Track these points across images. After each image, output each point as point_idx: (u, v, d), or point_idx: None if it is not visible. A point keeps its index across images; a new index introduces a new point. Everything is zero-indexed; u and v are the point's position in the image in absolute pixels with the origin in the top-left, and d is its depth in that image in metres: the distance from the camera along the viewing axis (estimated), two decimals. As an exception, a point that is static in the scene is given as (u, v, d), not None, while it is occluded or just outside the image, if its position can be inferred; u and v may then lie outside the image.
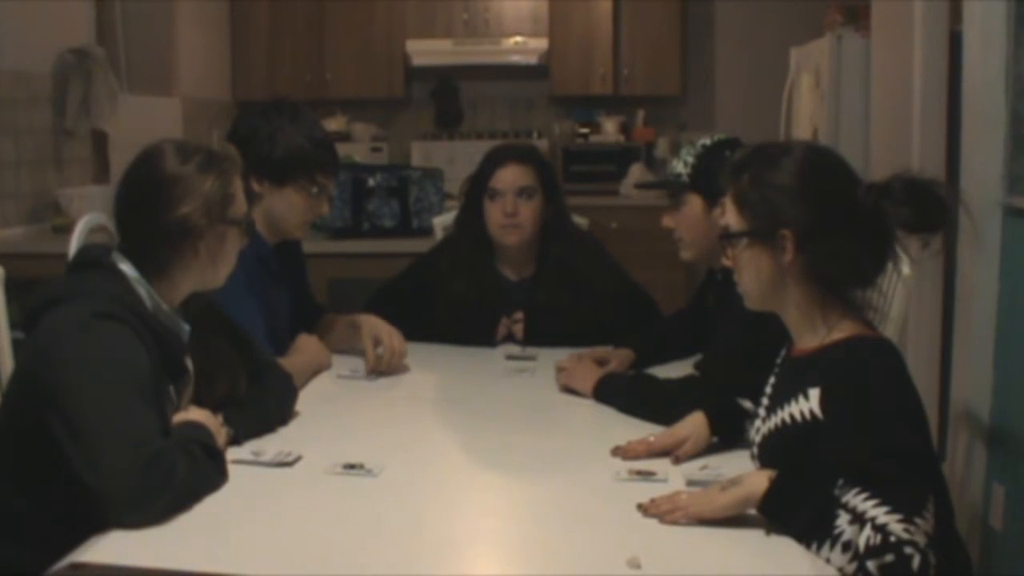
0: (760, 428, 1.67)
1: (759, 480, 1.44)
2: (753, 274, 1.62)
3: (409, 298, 2.68)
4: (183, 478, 1.45)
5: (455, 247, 2.73)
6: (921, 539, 1.34)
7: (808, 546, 1.38)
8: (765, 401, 1.69)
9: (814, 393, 1.52)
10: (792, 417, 1.55)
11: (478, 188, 2.65)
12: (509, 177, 2.60)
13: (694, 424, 1.78)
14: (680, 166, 2.22)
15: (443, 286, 2.67)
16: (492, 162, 2.65)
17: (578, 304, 2.61)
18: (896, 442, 1.43)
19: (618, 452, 1.76)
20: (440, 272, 2.70)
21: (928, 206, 1.54)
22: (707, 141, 2.22)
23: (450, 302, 2.65)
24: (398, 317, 2.45)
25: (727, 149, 2.13)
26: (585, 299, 2.62)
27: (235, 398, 1.80)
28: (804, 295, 1.59)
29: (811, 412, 1.51)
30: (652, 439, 1.77)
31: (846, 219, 1.55)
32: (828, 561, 1.36)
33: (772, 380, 1.71)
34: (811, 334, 1.60)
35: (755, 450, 1.69)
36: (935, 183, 1.56)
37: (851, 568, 1.33)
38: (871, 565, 1.32)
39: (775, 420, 1.60)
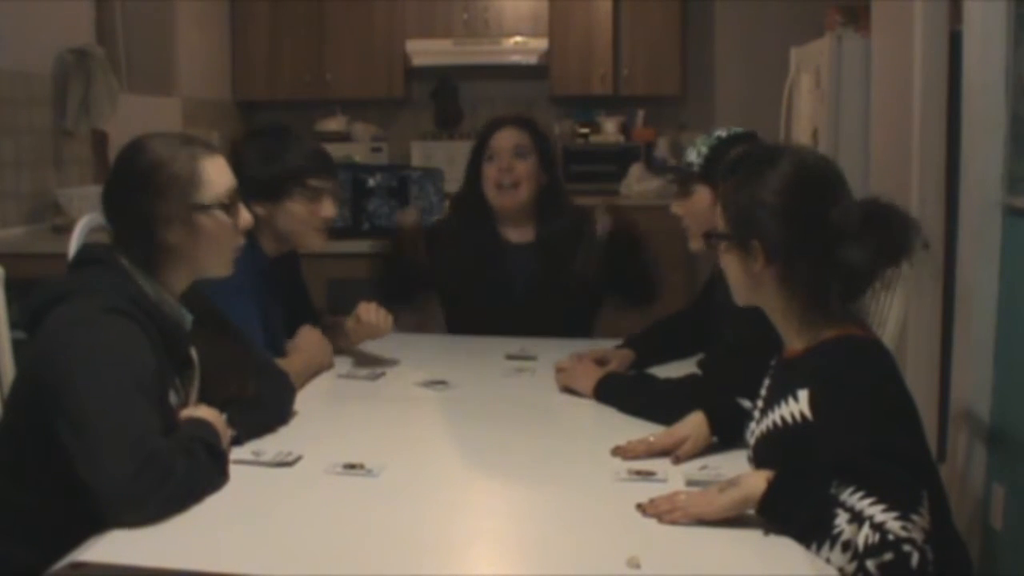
0: (754, 430, 1.67)
1: (757, 481, 1.44)
2: (732, 274, 1.66)
3: (411, 266, 2.78)
4: (180, 477, 1.45)
5: (456, 213, 2.87)
6: (919, 536, 1.34)
7: (808, 546, 1.38)
8: (759, 403, 1.70)
9: (803, 394, 1.52)
10: (783, 419, 1.55)
11: (477, 155, 2.78)
12: (505, 137, 2.74)
13: (694, 424, 1.78)
14: (694, 155, 2.21)
15: (444, 249, 2.77)
16: (490, 127, 2.79)
17: (578, 266, 2.68)
18: (888, 440, 1.43)
19: (618, 452, 1.76)
20: (441, 239, 2.81)
21: (892, 236, 1.53)
22: (723, 133, 2.22)
23: (452, 262, 2.71)
24: (400, 285, 2.59)
25: (740, 143, 2.14)
26: (584, 262, 2.69)
27: (244, 399, 1.79)
28: (781, 302, 1.61)
29: (801, 414, 1.51)
30: (652, 439, 1.77)
31: (821, 240, 1.54)
32: (828, 561, 1.35)
33: (766, 382, 1.71)
34: (797, 337, 1.61)
35: (751, 452, 1.69)
36: (899, 211, 1.55)
37: (851, 568, 1.33)
38: (870, 564, 1.32)
39: (767, 422, 1.61)
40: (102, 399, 1.46)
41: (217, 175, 1.71)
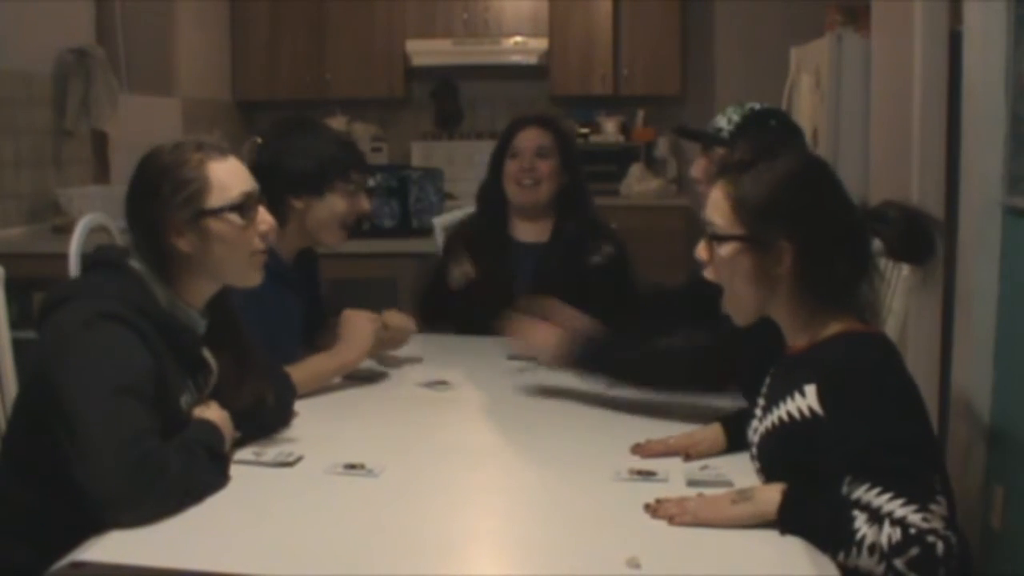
0: (757, 428, 1.67)
1: (771, 495, 1.44)
2: (741, 280, 1.59)
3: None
4: (175, 478, 1.45)
5: (478, 207, 2.90)
6: (939, 524, 1.35)
7: (835, 555, 1.37)
8: (761, 400, 1.69)
9: (810, 390, 1.51)
10: (790, 415, 1.55)
11: (500, 152, 2.81)
12: (529, 137, 2.78)
13: (714, 430, 1.80)
14: (724, 122, 2.19)
15: (459, 239, 2.82)
16: (514, 125, 2.83)
17: (589, 272, 2.70)
18: (899, 432, 1.43)
19: (637, 450, 1.77)
20: (461, 232, 2.87)
21: (920, 239, 1.54)
22: (757, 106, 2.21)
23: (463, 252, 2.77)
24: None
25: (773, 119, 2.15)
26: (595, 268, 2.72)
27: (262, 408, 1.78)
28: (791, 303, 1.59)
29: (810, 409, 1.51)
30: (671, 440, 1.78)
31: (841, 238, 1.55)
32: (858, 568, 1.35)
33: (767, 379, 1.71)
34: (802, 333, 1.60)
35: (754, 450, 1.68)
36: (929, 217, 1.57)
37: (880, 569, 1.33)
38: (898, 563, 1.32)
39: (772, 419, 1.60)
40: (94, 402, 1.46)
41: (229, 178, 1.68)
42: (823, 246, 1.54)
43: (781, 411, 1.57)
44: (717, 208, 1.60)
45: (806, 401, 1.51)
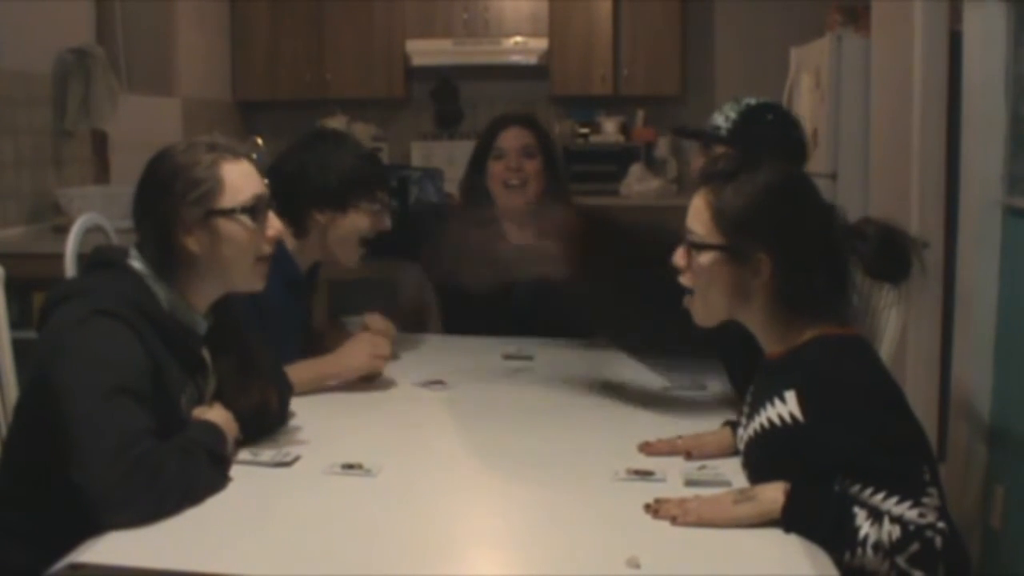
0: (742, 436, 1.67)
1: (774, 495, 1.43)
2: (717, 290, 1.60)
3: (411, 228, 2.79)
4: (171, 479, 1.44)
5: (463, 204, 2.88)
6: (934, 517, 1.37)
7: (841, 555, 1.37)
8: (745, 408, 1.69)
9: (790, 395, 1.52)
10: (771, 421, 1.55)
11: (482, 152, 2.77)
12: (513, 137, 2.74)
13: (723, 434, 1.79)
14: (721, 120, 2.19)
15: (447, 237, 2.74)
16: (496, 125, 2.79)
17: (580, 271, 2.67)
18: (883, 430, 1.44)
19: (644, 448, 1.77)
20: (444, 224, 2.76)
21: (895, 258, 1.55)
22: (752, 101, 2.20)
23: (452, 256, 2.72)
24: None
25: (769, 113, 2.14)
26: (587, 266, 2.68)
27: (265, 411, 1.78)
28: (765, 314, 1.60)
29: (791, 415, 1.51)
30: (679, 441, 1.78)
31: (820, 253, 1.56)
32: (864, 567, 1.36)
33: (751, 386, 1.71)
34: (777, 342, 1.61)
35: (743, 458, 1.68)
36: (907, 236, 1.58)
37: (885, 567, 1.35)
38: (900, 560, 1.34)
39: (755, 425, 1.61)
40: (90, 402, 1.45)
41: (241, 180, 1.68)
42: (801, 260, 1.55)
43: (762, 418, 1.58)
44: (698, 216, 1.60)
45: (787, 407, 1.52)
